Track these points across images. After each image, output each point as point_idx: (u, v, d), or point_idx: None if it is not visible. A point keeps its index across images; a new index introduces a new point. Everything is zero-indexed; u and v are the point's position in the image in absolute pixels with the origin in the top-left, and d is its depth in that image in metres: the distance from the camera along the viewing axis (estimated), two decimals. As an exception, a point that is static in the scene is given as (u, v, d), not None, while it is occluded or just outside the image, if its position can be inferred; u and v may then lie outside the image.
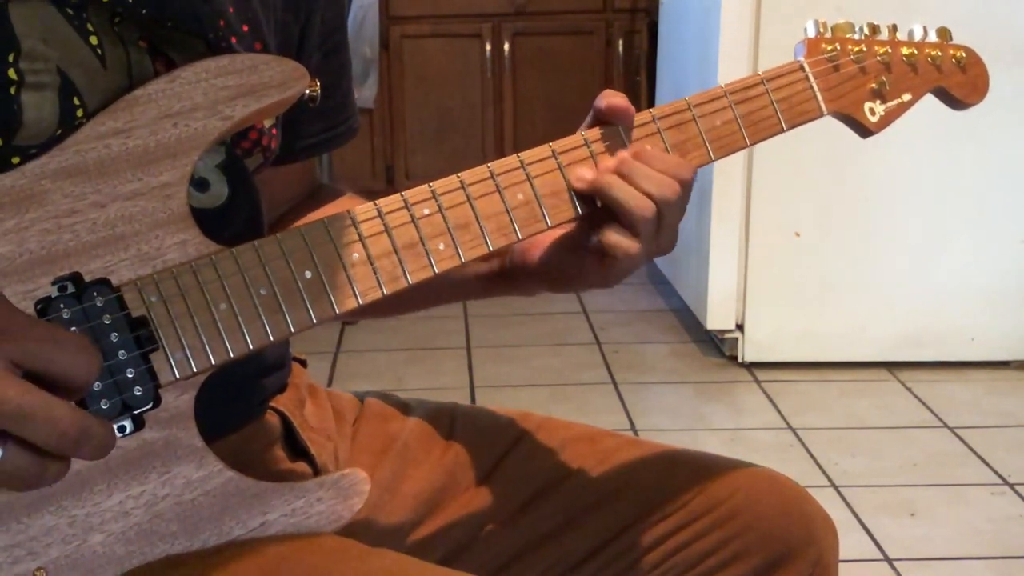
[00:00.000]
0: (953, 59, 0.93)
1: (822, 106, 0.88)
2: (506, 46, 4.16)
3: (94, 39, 0.70)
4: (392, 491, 0.93)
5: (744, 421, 2.61)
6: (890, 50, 0.91)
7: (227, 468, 0.70)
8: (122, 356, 0.66)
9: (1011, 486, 2.26)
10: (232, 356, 0.69)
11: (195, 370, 0.68)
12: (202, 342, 0.68)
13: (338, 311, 0.72)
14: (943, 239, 2.77)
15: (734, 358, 2.90)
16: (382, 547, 0.88)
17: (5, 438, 0.57)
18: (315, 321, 0.72)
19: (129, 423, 0.67)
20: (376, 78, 3.93)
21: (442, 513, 0.93)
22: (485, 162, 0.79)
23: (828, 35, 0.90)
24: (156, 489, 0.68)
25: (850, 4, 2.42)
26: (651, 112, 0.82)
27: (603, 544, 0.91)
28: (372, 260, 0.73)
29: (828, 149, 2.66)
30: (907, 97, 0.92)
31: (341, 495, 0.72)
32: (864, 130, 0.91)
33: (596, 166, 0.80)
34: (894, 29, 0.92)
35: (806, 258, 2.79)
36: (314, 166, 1.01)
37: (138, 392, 0.67)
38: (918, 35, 0.93)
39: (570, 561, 0.92)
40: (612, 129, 0.81)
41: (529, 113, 4.15)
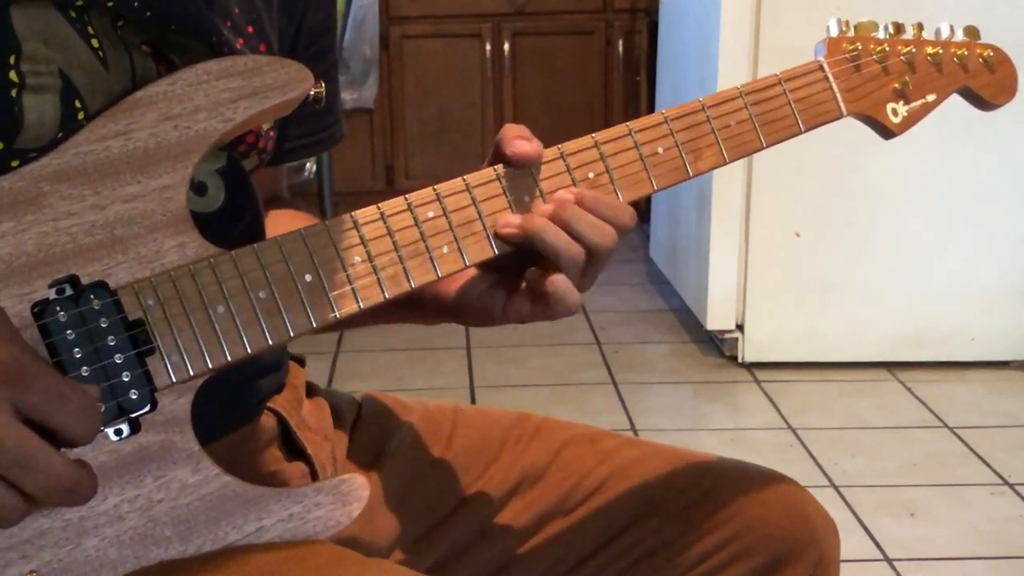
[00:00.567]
0: (980, 58, 0.91)
1: (842, 107, 0.86)
2: (506, 46, 4.15)
3: (95, 41, 0.69)
4: (391, 492, 0.92)
5: (744, 421, 2.61)
6: (914, 49, 0.89)
7: (223, 473, 0.69)
8: (118, 359, 0.66)
9: (1011, 486, 2.25)
10: (230, 360, 0.69)
11: (192, 374, 0.68)
12: (199, 346, 0.68)
13: (339, 315, 0.72)
14: (943, 239, 2.77)
15: (734, 358, 2.90)
16: (378, 548, 0.88)
17: None
18: (315, 325, 0.71)
19: (125, 427, 0.66)
20: (376, 78, 3.93)
21: (442, 514, 0.93)
22: (485, 162, 0.79)
23: (850, 34, 0.88)
24: (151, 493, 0.67)
25: (850, 4, 2.41)
26: (663, 114, 0.81)
27: (603, 544, 0.91)
28: (374, 263, 0.73)
29: (828, 149, 2.66)
30: (932, 97, 0.89)
31: (340, 501, 0.71)
32: (887, 131, 0.89)
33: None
34: (920, 28, 0.90)
35: (806, 258, 2.79)
36: (281, 176, 0.99)
37: (134, 396, 0.66)
38: (944, 34, 0.91)
39: (570, 562, 0.92)
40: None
41: (529, 113, 4.15)
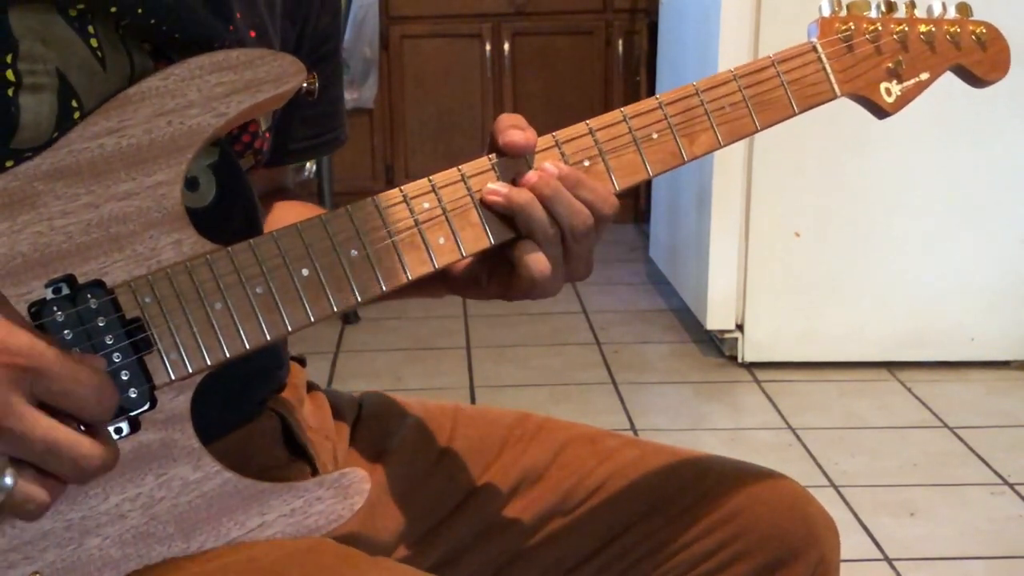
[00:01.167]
0: (973, 36, 0.91)
1: (835, 88, 0.86)
2: (506, 46, 4.15)
3: (94, 41, 0.69)
4: (391, 492, 0.92)
5: (744, 421, 2.61)
6: (907, 28, 0.88)
7: (224, 469, 0.69)
8: (117, 358, 0.66)
9: (1011, 486, 2.25)
10: (228, 356, 0.69)
11: (190, 371, 0.68)
12: (197, 342, 0.68)
13: (336, 309, 0.72)
14: (943, 239, 2.77)
15: (734, 358, 2.90)
16: (380, 547, 0.88)
17: (22, 468, 0.59)
18: (313, 319, 0.71)
19: (125, 425, 0.66)
20: (376, 78, 3.93)
21: (442, 514, 0.93)
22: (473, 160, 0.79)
23: (843, 14, 0.87)
24: (153, 491, 0.67)
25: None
26: (657, 98, 0.81)
27: (604, 545, 0.91)
28: (371, 256, 0.73)
29: (828, 149, 2.65)
30: (925, 76, 0.89)
31: (341, 494, 0.71)
32: (880, 111, 0.89)
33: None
34: (912, 6, 0.90)
35: (806, 258, 2.79)
36: (287, 170, 1.00)
37: (133, 394, 0.66)
38: (937, 11, 0.90)
39: (570, 562, 0.92)
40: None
41: (529, 113, 4.06)
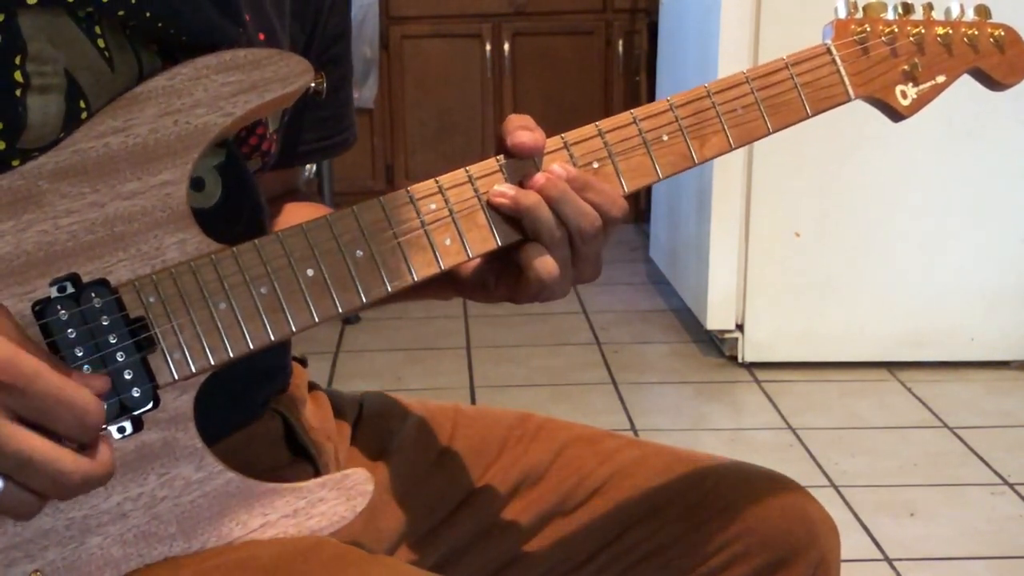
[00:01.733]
0: (991, 38, 0.90)
1: (849, 91, 0.85)
2: (506, 46, 4.15)
3: (102, 42, 0.69)
4: (392, 492, 0.92)
5: (744, 421, 2.61)
6: (923, 30, 0.87)
7: (227, 469, 0.69)
8: (120, 357, 0.66)
9: (1011, 486, 2.25)
10: (231, 356, 0.69)
11: (194, 371, 0.68)
12: (201, 342, 0.68)
13: (341, 310, 0.72)
14: (943, 239, 2.77)
15: (734, 358, 2.90)
16: (381, 548, 0.88)
17: (6, 477, 0.59)
18: (317, 320, 0.71)
19: (128, 424, 0.66)
20: (376, 78, 3.93)
21: (442, 514, 0.93)
22: (492, 155, 0.79)
23: (859, 16, 0.87)
24: (155, 491, 0.67)
25: None
26: (668, 100, 0.80)
27: (604, 545, 0.91)
28: (376, 257, 0.73)
29: (828, 149, 2.65)
30: (941, 79, 0.88)
31: (344, 495, 0.71)
32: (896, 114, 0.88)
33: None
34: (929, 7, 0.89)
35: (806, 258, 2.79)
36: (299, 172, 1.00)
37: (136, 393, 0.66)
38: (955, 13, 0.89)
39: (570, 562, 0.92)
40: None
41: (529, 113, 4.12)
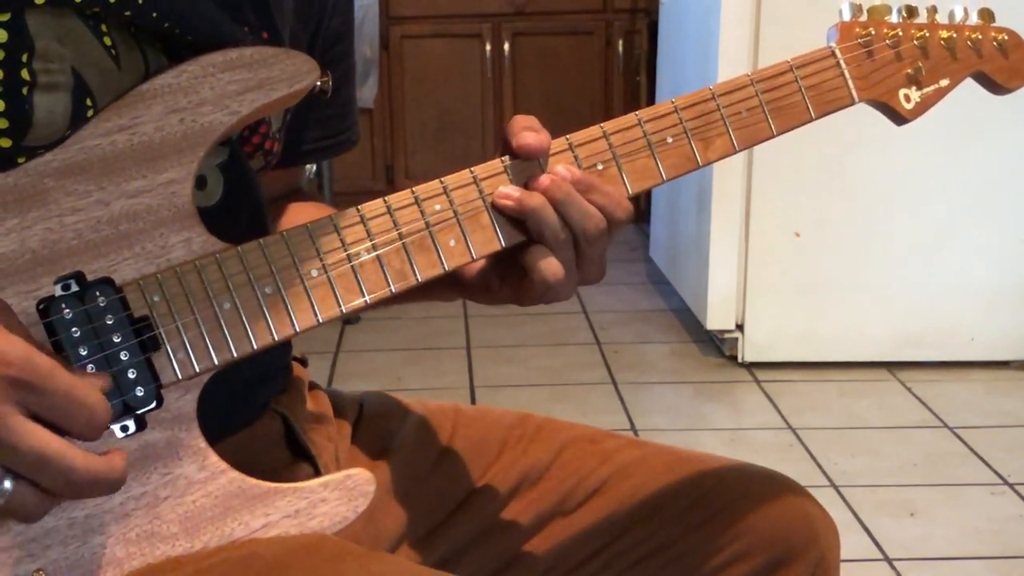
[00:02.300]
0: (995, 42, 0.90)
1: (854, 94, 0.85)
2: (506, 46, 4.15)
3: (108, 39, 0.69)
4: (392, 492, 0.92)
5: (744, 421, 2.61)
6: (927, 34, 0.88)
7: (230, 469, 0.69)
8: (124, 356, 0.66)
9: (1011, 486, 2.25)
10: (235, 356, 0.69)
11: (197, 370, 0.68)
12: (205, 342, 0.68)
13: (344, 309, 0.72)
14: (943, 239, 2.77)
15: (734, 358, 2.90)
16: (381, 548, 0.88)
17: (17, 476, 0.59)
18: (320, 320, 0.71)
19: (131, 424, 0.66)
20: (376, 78, 3.93)
21: (442, 514, 0.93)
22: (485, 162, 0.79)
23: (863, 19, 0.87)
24: (157, 490, 0.67)
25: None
26: (673, 102, 0.81)
27: (604, 545, 0.91)
28: (380, 257, 0.73)
29: (828, 149, 2.65)
30: (945, 83, 0.88)
31: (346, 496, 0.71)
32: (899, 118, 0.88)
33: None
34: (933, 11, 0.89)
35: (806, 258, 2.79)
36: (302, 171, 1.01)
37: (140, 392, 0.66)
38: (959, 16, 0.89)
39: (570, 562, 0.92)
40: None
41: (529, 113, 4.14)
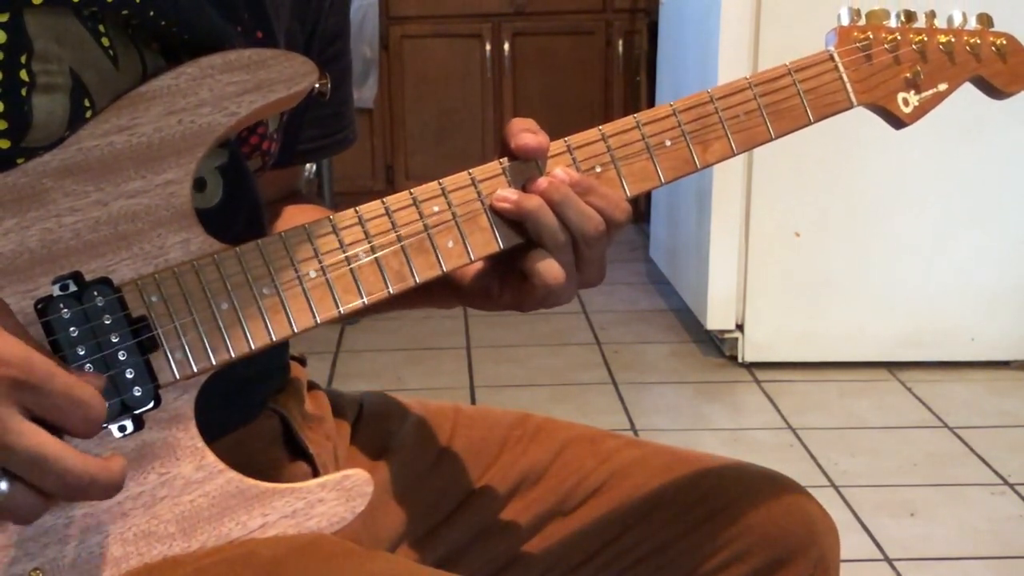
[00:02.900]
0: (993, 47, 0.90)
1: (852, 97, 0.86)
2: (506, 46, 4.15)
3: (106, 40, 0.69)
4: (391, 492, 0.92)
5: (744, 421, 2.61)
6: (926, 38, 0.88)
7: (227, 469, 0.69)
8: (121, 356, 0.66)
9: (1011, 486, 2.25)
10: (233, 356, 0.69)
11: (195, 370, 0.68)
12: (203, 342, 0.68)
13: (343, 310, 0.72)
14: (943, 239, 2.77)
15: (734, 358, 2.90)
16: (380, 548, 0.88)
17: (13, 477, 0.58)
18: (318, 321, 0.71)
19: (129, 423, 0.66)
20: (376, 78, 3.93)
21: (442, 514, 0.93)
22: (485, 162, 0.79)
23: (861, 23, 0.87)
24: (155, 490, 0.68)
25: (849, 3, 2.42)
26: (671, 105, 0.81)
27: (604, 545, 0.91)
28: (378, 258, 0.73)
29: (828, 149, 2.66)
30: (943, 87, 0.89)
31: (343, 496, 0.71)
32: (897, 122, 0.89)
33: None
34: (932, 15, 0.89)
35: (806, 258, 2.79)
36: (300, 173, 1.00)
37: (138, 392, 0.66)
38: (957, 21, 0.90)
39: (570, 562, 0.92)
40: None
41: (529, 113, 4.09)
